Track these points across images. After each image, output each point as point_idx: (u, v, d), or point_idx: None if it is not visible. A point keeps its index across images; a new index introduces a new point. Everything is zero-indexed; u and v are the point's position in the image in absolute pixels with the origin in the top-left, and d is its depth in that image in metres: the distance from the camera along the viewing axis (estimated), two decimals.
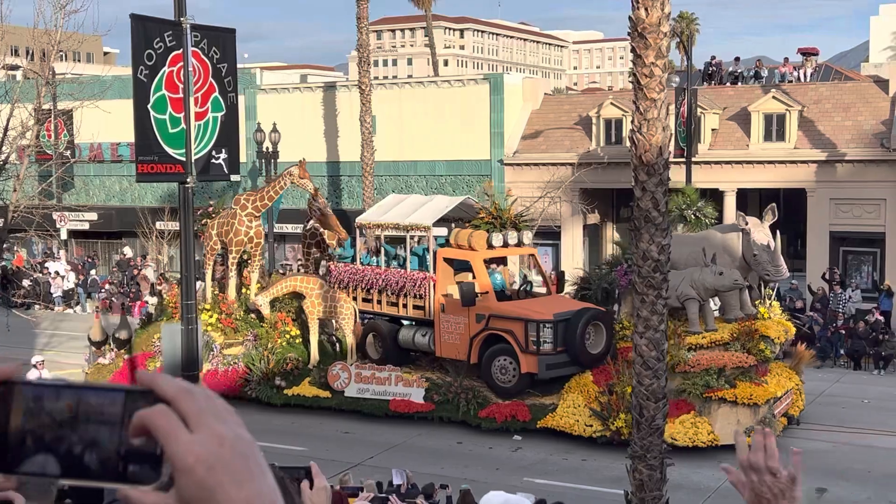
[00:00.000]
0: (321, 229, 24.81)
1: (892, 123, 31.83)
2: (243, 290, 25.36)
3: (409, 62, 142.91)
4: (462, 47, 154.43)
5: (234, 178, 15.58)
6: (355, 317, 23.20)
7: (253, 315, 24.39)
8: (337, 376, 22.57)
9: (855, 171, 31.98)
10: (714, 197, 34.88)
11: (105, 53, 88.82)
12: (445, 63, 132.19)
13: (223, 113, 14.76)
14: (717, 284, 20.27)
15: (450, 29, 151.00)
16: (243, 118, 40.13)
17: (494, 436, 20.65)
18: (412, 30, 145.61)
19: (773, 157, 32.90)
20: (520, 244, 22.42)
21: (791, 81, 36.04)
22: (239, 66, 52.47)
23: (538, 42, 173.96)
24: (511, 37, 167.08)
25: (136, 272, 39.74)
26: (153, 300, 37.29)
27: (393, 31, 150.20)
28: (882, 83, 33.66)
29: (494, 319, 20.97)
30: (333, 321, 23.67)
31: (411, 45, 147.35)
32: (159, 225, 40.61)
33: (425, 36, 73.25)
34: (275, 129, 36.60)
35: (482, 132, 37.84)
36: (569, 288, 23.88)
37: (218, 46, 14.81)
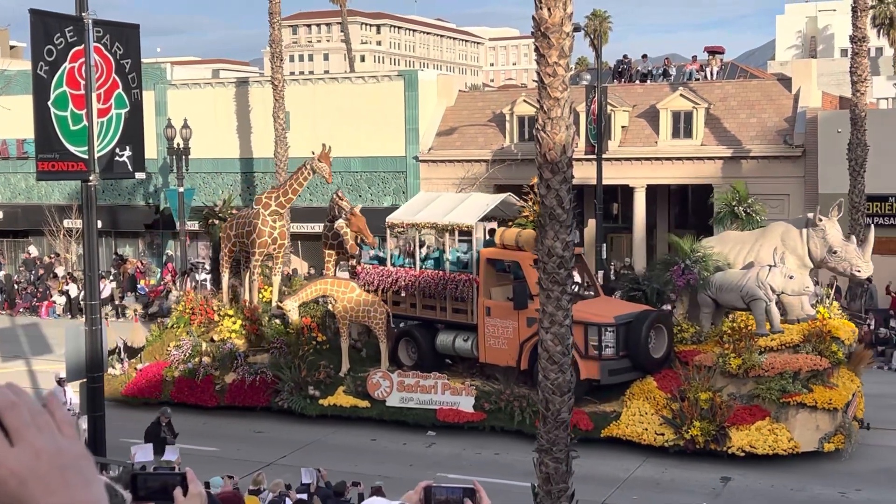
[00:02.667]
0: (343, 230, 23.47)
1: (794, 120, 32.76)
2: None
3: (326, 57, 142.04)
4: (379, 43, 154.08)
5: (138, 175, 15.31)
6: (388, 321, 22.07)
7: (277, 321, 23.02)
8: (377, 385, 21.21)
9: (759, 167, 32.84)
10: (624, 193, 35.59)
11: (11, 47, 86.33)
12: (362, 59, 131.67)
13: (127, 109, 14.49)
14: (786, 287, 19.46)
15: (366, 24, 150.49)
16: (153, 114, 39.47)
17: (408, 432, 20.70)
18: (328, 25, 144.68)
19: (681, 154, 33.59)
20: None
21: (698, 79, 36.84)
22: (149, 60, 51.44)
23: (455, 38, 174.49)
24: (428, 33, 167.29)
25: (41, 272, 38.79)
26: (62, 300, 36.51)
27: (309, 25, 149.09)
28: (786, 81, 34.61)
29: None
30: (357, 326, 22.54)
31: (327, 41, 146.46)
32: (67, 223, 39.71)
33: (341, 31, 72.94)
34: (186, 125, 36.05)
35: (397, 129, 37.86)
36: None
37: (121, 42, 14.53)
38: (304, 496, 14.63)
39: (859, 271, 20.45)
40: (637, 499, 16.87)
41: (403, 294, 22.26)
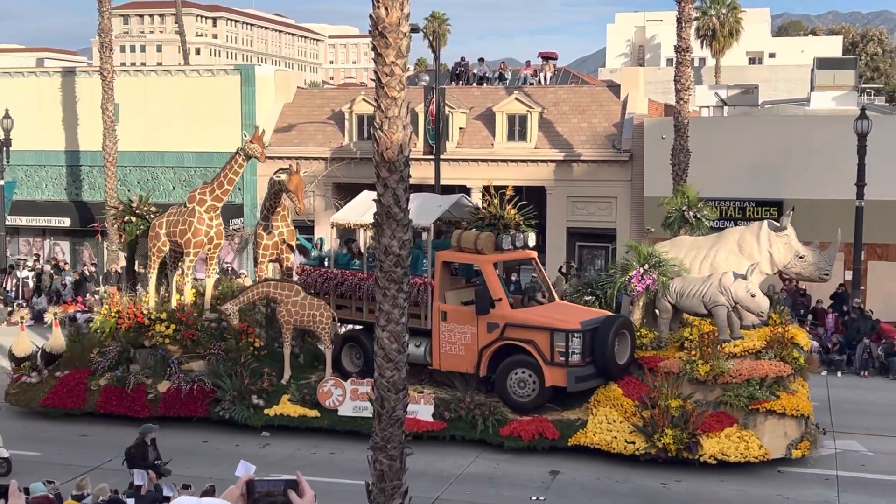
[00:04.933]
0: (281, 228, 22.14)
1: (622, 126, 34.04)
2: (178, 298, 22.52)
3: (159, 49, 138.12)
4: (215, 36, 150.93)
5: None
6: (334, 326, 20.98)
7: (213, 325, 21.56)
8: (329, 393, 20.19)
9: (589, 170, 33.97)
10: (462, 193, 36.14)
11: None
12: (198, 52, 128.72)
13: None
14: (744, 302, 19.35)
15: (202, 17, 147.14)
16: None
17: (241, 433, 20.35)
18: (162, 16, 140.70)
19: (516, 156, 34.39)
20: (525, 246, 20.77)
21: (532, 84, 37.77)
22: None
23: (294, 34, 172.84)
24: (266, 28, 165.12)
25: None
26: None
27: (141, 16, 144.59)
28: (615, 88, 35.93)
29: (511, 329, 19.34)
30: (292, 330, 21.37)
31: (161, 32, 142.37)
32: None
33: (176, 23, 71.03)
34: (7, 116, 34.38)
35: (233, 124, 37.19)
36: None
37: None
38: (132, 501, 14.20)
39: (827, 275, 20.65)
40: (469, 493, 17.15)
41: (349, 297, 21.35)
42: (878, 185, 28.76)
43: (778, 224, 21.13)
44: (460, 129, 35.39)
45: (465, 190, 35.30)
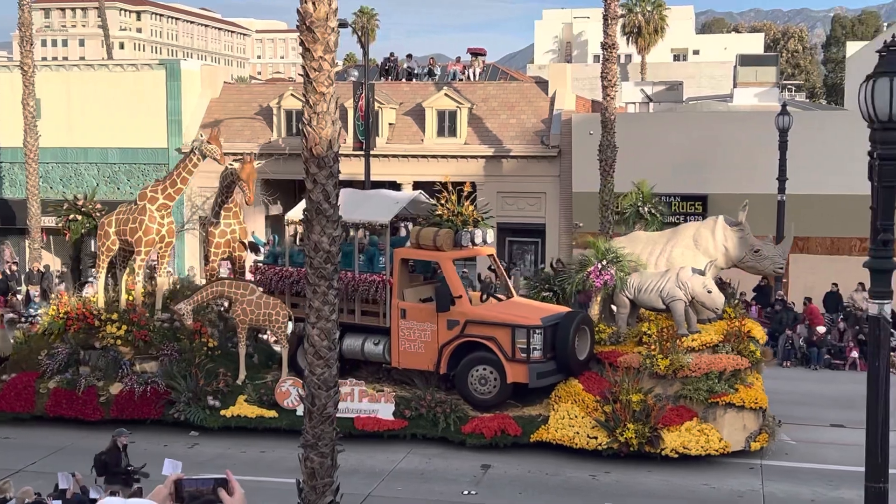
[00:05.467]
0: (233, 226, 21.73)
1: (551, 122, 34.33)
2: (128, 297, 21.76)
3: (82, 43, 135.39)
4: (139, 30, 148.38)
5: None
6: (291, 325, 20.52)
7: (165, 325, 20.97)
8: (287, 393, 19.75)
9: (519, 166, 34.20)
10: (392, 189, 36.08)
11: None
12: (121, 46, 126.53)
13: None
14: (700, 298, 19.56)
15: (125, 10, 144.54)
16: None
17: (169, 433, 20.07)
18: (84, 9, 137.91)
19: (446, 152, 34.47)
20: (484, 243, 20.61)
21: (461, 80, 37.88)
22: None
23: (220, 29, 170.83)
24: (192, 22, 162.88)
25: None
26: None
27: (63, 9, 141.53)
28: (543, 84, 36.22)
29: (472, 325, 19.21)
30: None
31: (83, 26, 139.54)
32: None
33: (98, 17, 69.67)
34: None
35: (158, 119, 36.67)
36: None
37: None
38: (59, 502, 13.92)
39: (781, 268, 20.94)
40: (401, 489, 17.17)
41: (304, 295, 21.21)
42: (799, 179, 29.44)
43: (733, 219, 21.29)
44: (390, 124, 35.33)
45: (396, 186, 35.35)
